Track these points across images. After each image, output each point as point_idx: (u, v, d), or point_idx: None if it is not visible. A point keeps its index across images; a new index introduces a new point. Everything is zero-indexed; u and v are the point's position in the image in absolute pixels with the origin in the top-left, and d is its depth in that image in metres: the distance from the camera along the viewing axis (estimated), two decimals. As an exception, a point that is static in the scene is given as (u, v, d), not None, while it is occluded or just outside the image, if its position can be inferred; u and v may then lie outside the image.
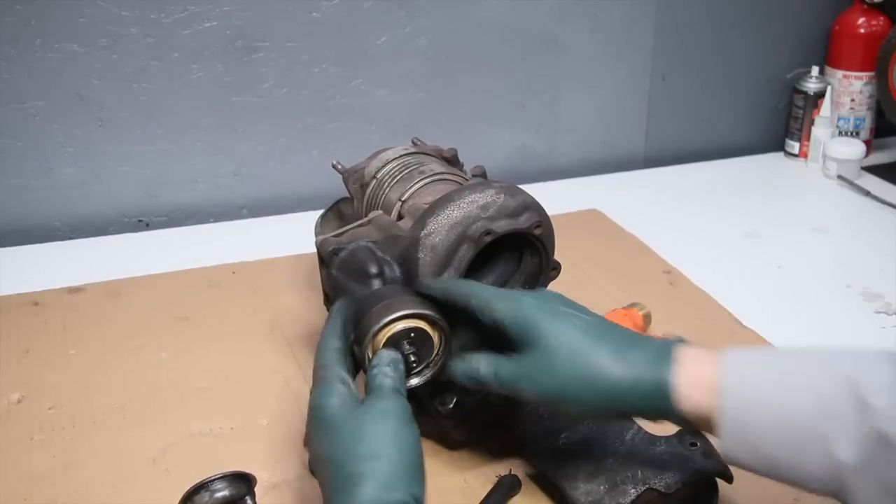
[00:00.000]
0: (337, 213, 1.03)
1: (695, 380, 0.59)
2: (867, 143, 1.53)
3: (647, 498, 0.68)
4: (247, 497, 0.70)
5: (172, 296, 1.07)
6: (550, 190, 1.22)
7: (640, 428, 0.72)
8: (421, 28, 1.33)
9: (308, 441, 0.62)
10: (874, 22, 1.48)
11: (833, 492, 0.56)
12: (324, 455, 0.59)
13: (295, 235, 1.16)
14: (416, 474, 0.58)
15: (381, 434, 0.59)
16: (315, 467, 0.61)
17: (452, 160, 0.92)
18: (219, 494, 0.68)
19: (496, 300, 0.66)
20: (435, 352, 0.71)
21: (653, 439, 0.71)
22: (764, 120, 1.60)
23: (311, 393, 0.63)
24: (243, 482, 0.70)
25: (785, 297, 1.11)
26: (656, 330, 0.99)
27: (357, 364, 0.69)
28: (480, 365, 0.67)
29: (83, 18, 1.17)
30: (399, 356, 0.67)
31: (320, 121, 1.33)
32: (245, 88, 1.28)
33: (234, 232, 1.28)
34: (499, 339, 0.66)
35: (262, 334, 1.00)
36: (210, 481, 0.68)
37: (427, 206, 0.77)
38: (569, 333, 0.63)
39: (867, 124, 1.54)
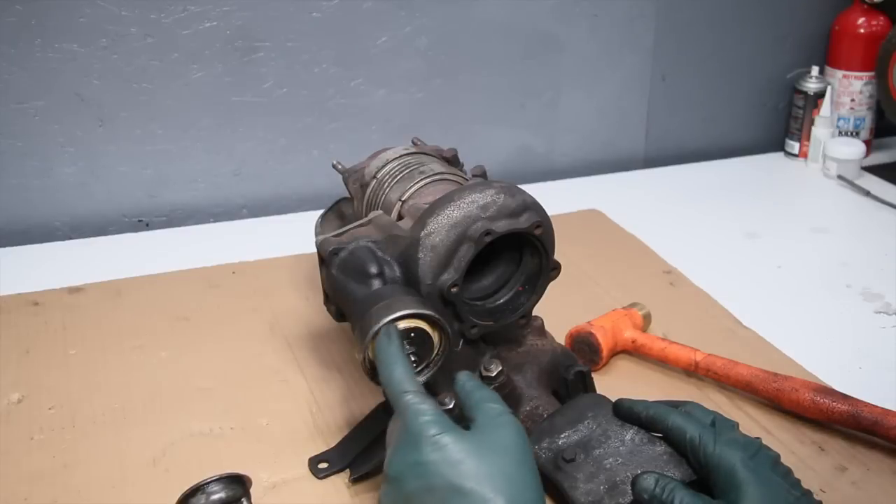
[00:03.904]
0: (337, 213, 1.03)
1: None
2: (867, 143, 1.53)
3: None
4: (242, 499, 0.70)
5: (172, 296, 1.07)
6: (550, 190, 1.22)
7: (639, 428, 0.72)
8: (421, 28, 1.33)
9: (411, 468, 0.60)
10: (874, 22, 1.48)
11: None
12: (452, 486, 0.58)
13: (295, 235, 1.16)
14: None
15: (509, 470, 0.59)
16: (405, 492, 0.60)
17: (452, 160, 0.92)
18: (215, 497, 0.68)
19: (709, 442, 0.66)
20: (435, 352, 0.71)
21: (653, 439, 0.71)
22: (764, 120, 1.60)
23: (399, 418, 0.63)
24: (238, 484, 0.70)
25: (785, 297, 1.11)
26: (656, 330, 0.99)
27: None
28: (676, 497, 0.63)
29: (83, 18, 1.17)
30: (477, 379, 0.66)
31: (320, 121, 1.33)
32: (245, 88, 1.28)
33: (234, 232, 1.28)
34: (694, 469, 0.67)
35: (262, 334, 1.00)
36: (205, 483, 0.68)
37: (427, 206, 0.77)
38: None
39: (867, 124, 1.54)
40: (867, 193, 1.39)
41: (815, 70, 1.50)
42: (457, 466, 0.58)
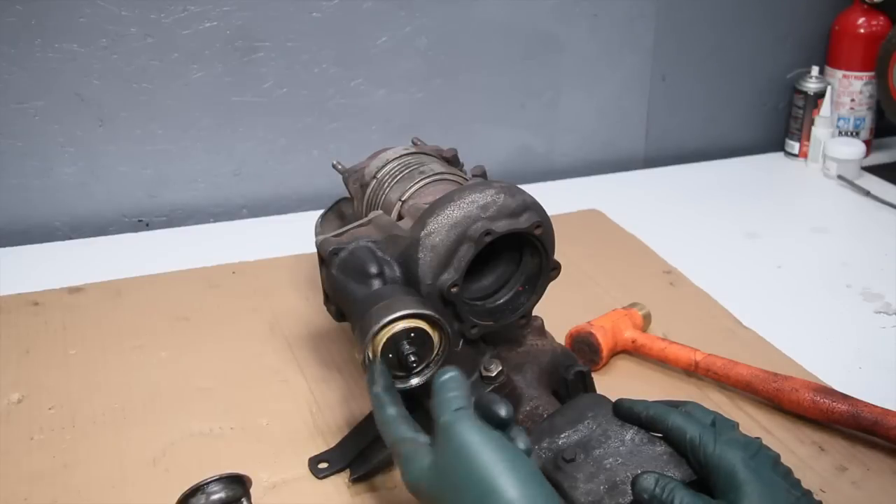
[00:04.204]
0: (337, 213, 1.03)
1: None
2: (867, 143, 1.53)
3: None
4: (242, 499, 0.70)
5: (172, 296, 1.07)
6: (550, 190, 1.22)
7: (640, 428, 0.72)
8: (421, 28, 1.33)
9: None
10: (874, 22, 1.48)
11: None
12: None
13: (295, 235, 1.16)
14: (538, 481, 0.56)
15: (483, 473, 0.56)
16: None
17: (452, 160, 0.92)
18: (215, 497, 0.68)
19: (709, 442, 0.66)
20: (435, 352, 0.71)
21: (653, 439, 0.71)
22: (764, 120, 1.60)
23: (401, 473, 0.61)
24: (238, 484, 0.70)
25: (785, 297, 1.11)
26: (656, 330, 0.99)
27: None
28: (676, 497, 0.63)
29: (83, 18, 1.17)
30: (458, 373, 0.63)
31: (320, 121, 1.33)
32: (245, 88, 1.28)
33: (234, 232, 1.28)
34: (694, 469, 0.66)
35: (262, 334, 1.00)
36: (205, 483, 0.68)
37: (427, 206, 0.77)
38: None
39: (867, 124, 1.54)
40: (867, 193, 1.39)
41: (815, 70, 1.50)
42: (437, 499, 0.58)
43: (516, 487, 0.55)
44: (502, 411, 0.61)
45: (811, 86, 1.49)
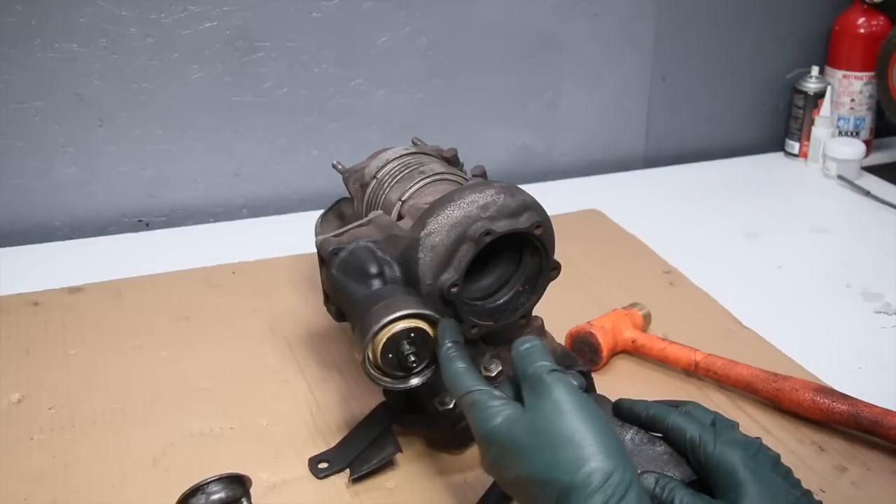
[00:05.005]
0: (337, 213, 1.03)
1: None
2: (867, 143, 1.53)
3: (648, 498, 0.68)
4: (242, 499, 0.70)
5: (172, 296, 1.07)
6: (550, 190, 1.22)
7: (639, 428, 0.72)
8: (421, 28, 1.33)
9: (491, 468, 0.62)
10: (874, 22, 1.48)
11: None
12: (524, 477, 0.58)
13: (295, 235, 1.16)
14: (623, 456, 0.57)
15: (574, 433, 0.57)
16: (515, 492, 0.60)
17: (452, 160, 0.92)
18: (215, 497, 0.68)
19: (709, 442, 0.65)
20: (435, 352, 0.71)
21: (653, 439, 0.71)
22: (764, 120, 1.60)
23: (473, 423, 0.62)
24: (238, 484, 0.70)
25: (785, 297, 1.11)
26: (656, 330, 0.99)
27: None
28: (676, 496, 0.63)
29: (83, 18, 1.17)
30: (538, 341, 0.64)
31: (320, 121, 1.33)
32: (245, 88, 1.28)
33: (234, 232, 1.28)
34: (694, 469, 0.66)
35: (262, 334, 1.00)
36: (205, 484, 0.68)
37: (427, 206, 0.77)
38: None
39: (867, 124, 1.54)
40: (867, 193, 1.39)
41: (815, 70, 1.50)
42: (523, 456, 0.58)
43: (604, 457, 0.56)
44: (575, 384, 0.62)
45: (811, 86, 1.49)
